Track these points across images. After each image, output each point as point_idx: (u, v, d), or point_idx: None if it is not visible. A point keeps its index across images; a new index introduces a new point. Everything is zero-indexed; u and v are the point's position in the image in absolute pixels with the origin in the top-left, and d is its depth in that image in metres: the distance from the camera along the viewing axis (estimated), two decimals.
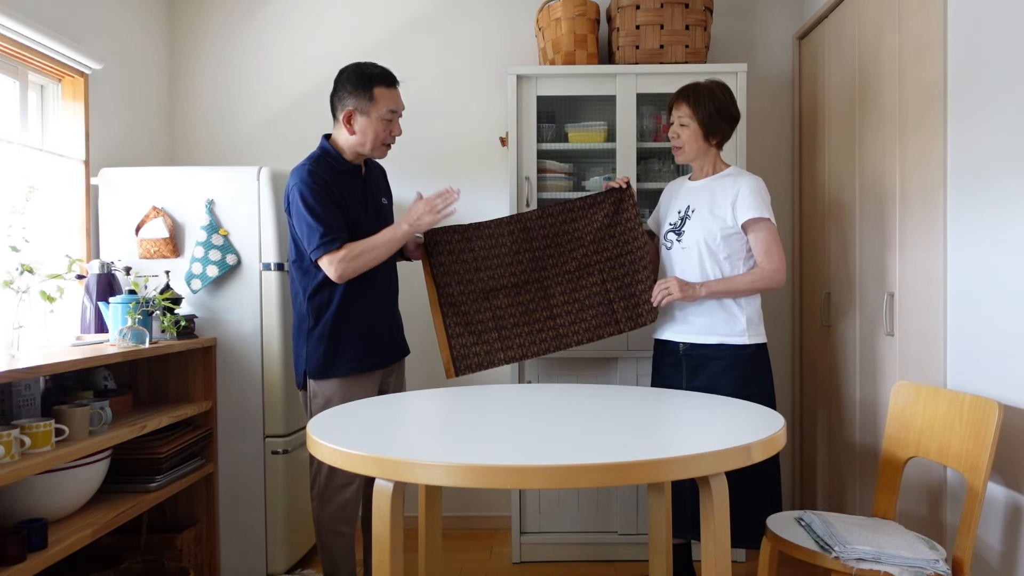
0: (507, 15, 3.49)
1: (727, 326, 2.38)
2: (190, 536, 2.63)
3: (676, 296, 2.34)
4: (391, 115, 2.31)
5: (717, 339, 2.39)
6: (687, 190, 2.51)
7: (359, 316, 2.34)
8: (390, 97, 2.31)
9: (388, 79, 2.31)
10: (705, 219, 2.40)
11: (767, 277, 2.35)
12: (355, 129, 2.30)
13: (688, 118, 2.40)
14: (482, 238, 2.52)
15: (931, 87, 2.24)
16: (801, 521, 2.07)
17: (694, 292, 2.34)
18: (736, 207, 2.37)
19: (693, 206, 2.45)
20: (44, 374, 1.96)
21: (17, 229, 2.26)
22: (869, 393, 2.68)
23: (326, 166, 2.30)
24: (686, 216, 2.45)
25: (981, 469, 1.85)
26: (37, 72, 2.69)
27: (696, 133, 2.40)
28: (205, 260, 2.71)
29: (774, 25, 3.47)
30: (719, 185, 2.43)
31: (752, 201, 2.35)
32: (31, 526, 1.84)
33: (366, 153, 2.34)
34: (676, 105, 2.44)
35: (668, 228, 2.51)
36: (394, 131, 2.35)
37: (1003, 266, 1.93)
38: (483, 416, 1.86)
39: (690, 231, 2.42)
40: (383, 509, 1.49)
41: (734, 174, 2.44)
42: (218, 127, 3.53)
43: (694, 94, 2.40)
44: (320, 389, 2.32)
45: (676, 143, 2.45)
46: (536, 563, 3.04)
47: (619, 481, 1.35)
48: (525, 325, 2.49)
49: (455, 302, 2.47)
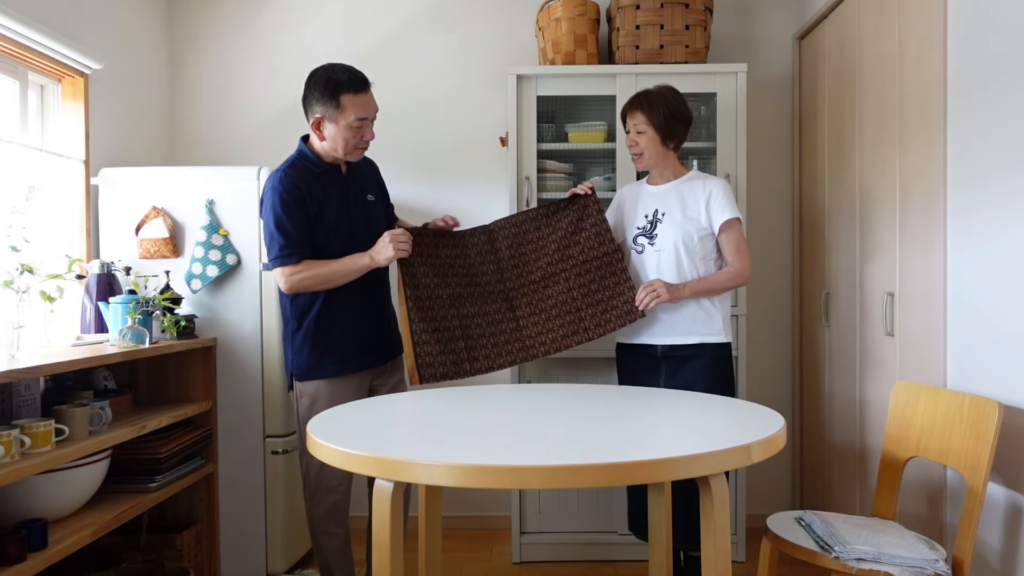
0: (507, 15, 3.49)
1: (706, 326, 2.43)
2: (190, 536, 2.63)
3: (664, 298, 2.34)
4: (360, 122, 2.23)
5: (697, 339, 2.43)
6: (651, 194, 2.53)
7: (343, 317, 2.32)
8: (358, 103, 2.22)
9: (355, 85, 2.23)
10: (679, 221, 2.44)
11: (740, 275, 2.42)
12: (325, 135, 2.25)
13: (644, 124, 2.44)
14: (449, 247, 2.48)
15: (931, 87, 2.24)
16: (801, 521, 2.07)
17: (679, 293, 2.37)
18: (711, 209, 2.43)
19: (662, 209, 2.48)
20: (44, 374, 1.96)
21: (17, 229, 2.26)
22: (869, 393, 2.68)
23: (302, 169, 2.28)
24: (656, 220, 2.48)
25: (981, 469, 1.85)
26: (37, 72, 2.69)
27: (654, 139, 2.44)
28: (205, 260, 2.71)
29: (774, 25, 3.47)
30: (687, 188, 2.48)
31: (728, 202, 2.43)
32: (31, 526, 1.84)
33: (340, 158, 2.30)
34: (630, 114, 2.47)
35: (637, 232, 2.51)
36: (366, 136, 2.28)
37: (1003, 266, 1.93)
38: (483, 416, 1.86)
39: (664, 234, 2.45)
40: (383, 509, 1.49)
41: (700, 177, 2.50)
42: (218, 127, 3.53)
43: (647, 100, 2.44)
44: (305, 390, 2.33)
45: (635, 151, 2.48)
46: (536, 563, 3.04)
47: (619, 481, 1.35)
48: (491, 336, 2.44)
49: (423, 307, 2.40)
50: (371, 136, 2.31)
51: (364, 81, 2.27)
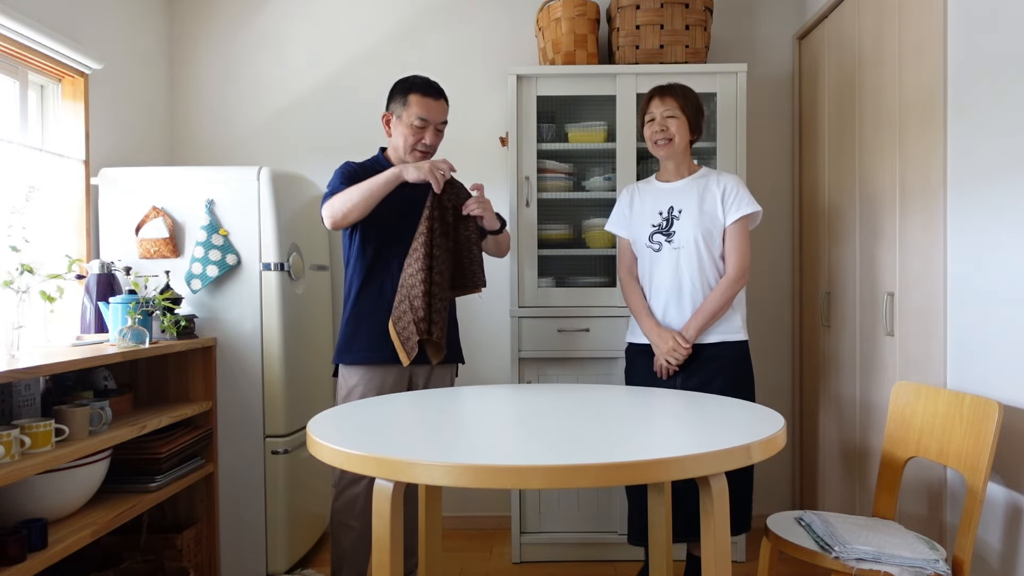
0: (507, 15, 3.49)
1: (727, 323, 2.42)
2: (190, 536, 2.63)
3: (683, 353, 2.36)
4: (421, 122, 2.37)
5: (718, 337, 2.42)
6: (663, 191, 2.50)
7: (378, 304, 2.40)
8: (424, 105, 2.37)
9: (425, 89, 2.39)
10: (697, 218, 2.41)
11: (736, 283, 2.40)
12: (391, 132, 2.44)
13: (678, 110, 2.41)
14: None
15: (931, 87, 2.24)
16: (801, 521, 2.07)
17: (691, 340, 2.37)
18: (727, 203, 2.41)
19: (679, 206, 2.45)
20: (44, 374, 1.96)
21: (17, 229, 2.26)
22: (869, 393, 2.68)
23: (368, 166, 2.46)
24: (672, 216, 2.45)
25: (981, 469, 1.85)
26: (37, 72, 2.69)
27: (685, 125, 2.42)
28: (205, 260, 2.71)
29: (774, 25, 3.47)
30: (702, 184, 2.46)
31: (746, 196, 2.42)
32: (31, 526, 1.84)
33: (403, 157, 2.43)
34: (660, 99, 2.43)
35: (652, 230, 2.48)
36: (425, 139, 2.40)
37: (1003, 266, 1.93)
38: (483, 416, 1.86)
39: (682, 231, 2.42)
40: (383, 509, 1.49)
41: (713, 173, 2.49)
42: (218, 127, 3.53)
43: (681, 89, 2.44)
44: (343, 377, 2.44)
45: (665, 136, 2.42)
46: (536, 563, 3.04)
47: (619, 481, 1.34)
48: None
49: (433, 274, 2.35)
50: (431, 141, 2.42)
51: (436, 89, 2.42)
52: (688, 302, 2.41)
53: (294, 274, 2.89)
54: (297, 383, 2.92)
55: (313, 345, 3.11)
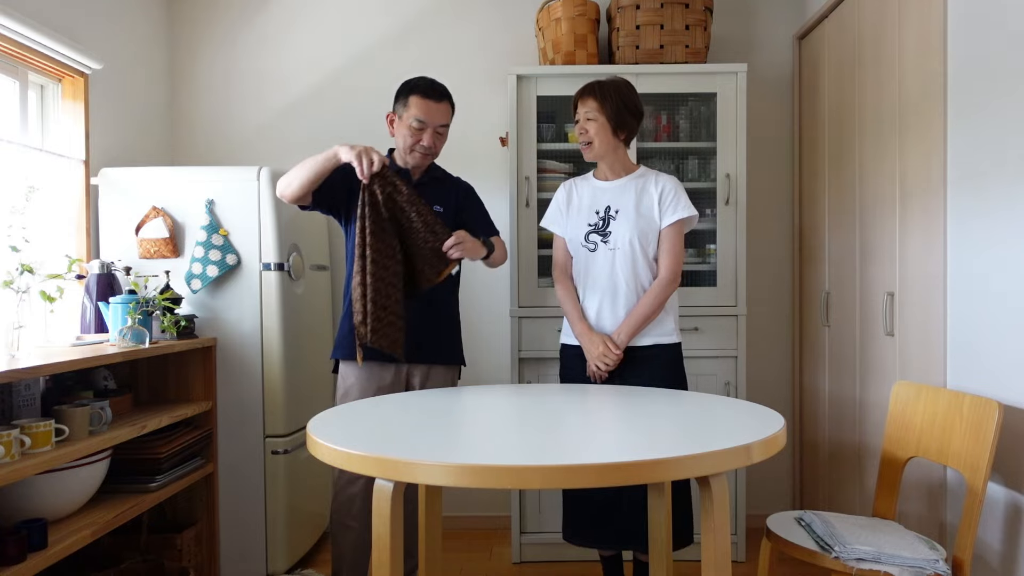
0: (507, 15, 3.49)
1: (660, 325, 2.39)
2: (190, 536, 2.63)
3: (615, 359, 2.33)
4: (419, 124, 2.37)
5: (651, 340, 2.38)
6: (600, 189, 2.45)
7: None
8: (422, 106, 2.37)
9: (426, 91, 2.38)
10: (634, 219, 2.37)
11: (668, 287, 2.36)
12: (393, 131, 2.46)
13: (595, 112, 2.35)
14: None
15: (931, 87, 2.24)
16: (801, 521, 2.07)
17: (622, 344, 2.34)
18: (664, 205, 2.37)
19: (616, 206, 2.40)
20: (44, 374, 1.96)
21: (17, 229, 2.26)
22: (869, 393, 2.68)
23: None
24: (608, 216, 2.41)
25: (981, 469, 1.85)
26: (37, 72, 2.69)
27: (604, 127, 2.35)
28: (205, 260, 2.71)
29: (774, 25, 3.47)
30: (640, 184, 2.41)
31: (683, 199, 2.38)
32: (31, 526, 1.84)
33: (403, 158, 2.44)
34: (581, 101, 2.39)
35: (588, 229, 2.43)
36: (423, 140, 2.38)
37: (1003, 266, 1.93)
38: (483, 416, 1.86)
39: (618, 231, 2.38)
40: (383, 509, 1.49)
41: (652, 173, 2.44)
42: (218, 127, 3.53)
43: (599, 88, 2.37)
44: (341, 371, 2.45)
45: (585, 139, 2.39)
46: (536, 563, 3.04)
47: (619, 481, 1.34)
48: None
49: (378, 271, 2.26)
50: (429, 143, 2.39)
51: (437, 91, 2.41)
52: (623, 304, 2.37)
53: (294, 274, 2.89)
54: (297, 383, 2.92)
55: (313, 345, 3.11)
